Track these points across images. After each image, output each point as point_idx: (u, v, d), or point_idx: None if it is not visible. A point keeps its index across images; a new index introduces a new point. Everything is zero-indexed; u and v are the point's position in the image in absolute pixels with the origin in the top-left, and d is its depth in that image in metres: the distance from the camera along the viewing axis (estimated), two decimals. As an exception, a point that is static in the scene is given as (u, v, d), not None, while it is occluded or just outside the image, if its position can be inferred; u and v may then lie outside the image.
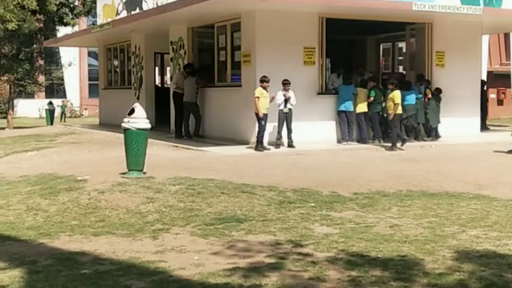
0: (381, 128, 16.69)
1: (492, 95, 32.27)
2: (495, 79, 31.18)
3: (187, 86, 17.76)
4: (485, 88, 21.80)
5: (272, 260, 6.67)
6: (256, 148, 14.66)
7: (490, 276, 6.13)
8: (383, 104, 16.36)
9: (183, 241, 7.63)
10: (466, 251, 7.13)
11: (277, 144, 15.11)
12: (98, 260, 6.83)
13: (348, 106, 16.29)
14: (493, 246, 7.35)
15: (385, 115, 16.53)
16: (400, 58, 25.26)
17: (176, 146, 15.74)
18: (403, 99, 16.67)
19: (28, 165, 13.87)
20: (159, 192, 9.93)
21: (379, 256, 6.87)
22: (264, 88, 14.75)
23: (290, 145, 15.20)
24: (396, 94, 15.54)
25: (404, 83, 17.48)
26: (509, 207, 9.90)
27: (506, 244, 7.47)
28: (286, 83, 14.97)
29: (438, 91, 17.67)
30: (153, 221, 8.71)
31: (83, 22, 40.18)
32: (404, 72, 20.75)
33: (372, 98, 16.48)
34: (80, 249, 7.33)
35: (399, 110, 15.64)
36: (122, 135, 11.45)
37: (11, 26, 23.74)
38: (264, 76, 14.80)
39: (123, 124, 11.16)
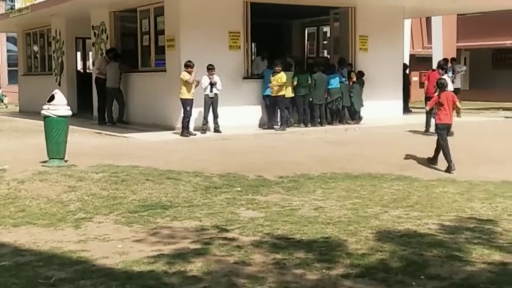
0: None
1: (415, 78, 33.00)
2: (418, 62, 31.84)
3: (110, 72, 17.41)
4: (407, 71, 22.26)
5: (197, 246, 6.64)
6: (182, 134, 14.53)
7: (411, 255, 6.27)
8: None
9: (106, 230, 7.49)
10: (388, 231, 7.28)
11: (203, 129, 15.02)
12: (18, 251, 6.63)
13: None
14: (414, 226, 7.54)
15: (310, 99, 16.67)
16: (325, 42, 25.54)
17: (99, 133, 15.42)
18: (327, 83, 16.85)
19: None
20: (82, 180, 9.70)
21: (303, 238, 6.94)
22: (189, 73, 14.61)
23: (217, 130, 15.13)
24: (283, 75, 15.57)
25: (328, 67, 17.65)
26: (430, 187, 10.19)
27: (426, 223, 7.68)
28: (210, 68, 14.87)
29: (361, 74, 17.91)
30: (76, 210, 8.51)
31: (1, 7, 38.76)
32: (329, 56, 20.97)
33: (295, 83, 16.56)
34: (-1, 240, 7.10)
35: (285, 92, 15.69)
36: (42, 123, 11.13)
37: None
38: (189, 61, 14.65)
39: (42, 111, 10.84)
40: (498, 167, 12.39)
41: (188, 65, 14.58)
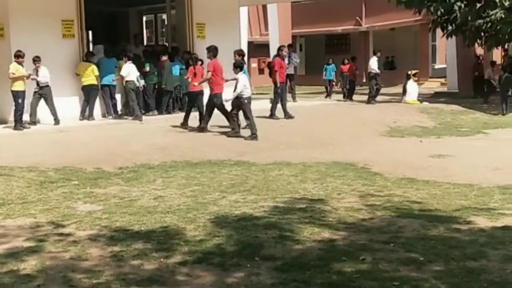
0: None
1: (254, 65, 33.79)
2: (256, 49, 32.64)
3: None
4: (245, 58, 22.67)
5: (31, 244, 6.43)
6: (15, 127, 13.91)
7: (246, 238, 6.48)
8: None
9: None
10: (225, 216, 7.46)
11: (34, 121, 14.43)
12: None
13: (110, 79, 16.04)
14: (250, 209, 7.77)
15: (163, 86, 16.56)
16: (164, 30, 25.47)
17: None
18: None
19: None
20: None
21: (142, 229, 6.94)
22: (20, 63, 13.99)
23: (55, 122, 14.64)
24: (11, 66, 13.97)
25: (169, 55, 17.61)
26: (266, 171, 10.53)
27: (262, 206, 7.95)
28: (36, 60, 14.26)
29: (201, 62, 18.02)
30: None
31: None
32: (167, 44, 20.93)
33: (147, 69, 16.45)
34: None
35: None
36: None
37: None
38: (19, 51, 14.02)
39: None
40: (330, 148, 13.07)
41: (19, 55, 13.96)
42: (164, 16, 24.06)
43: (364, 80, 26.36)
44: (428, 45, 32.96)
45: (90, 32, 20.67)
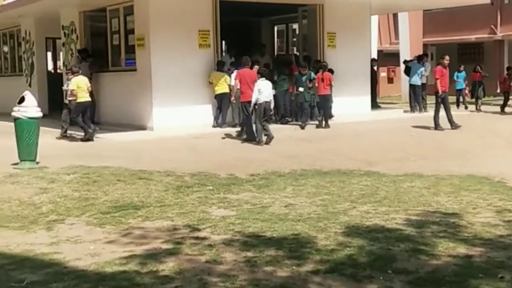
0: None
1: (383, 74, 33.34)
2: (385, 58, 32.20)
3: (80, 71, 17.34)
4: (375, 67, 22.48)
5: (169, 246, 6.71)
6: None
7: (378, 250, 6.42)
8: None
9: (78, 231, 7.51)
10: (356, 226, 7.43)
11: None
12: (-10, 255, 6.64)
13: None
14: (381, 221, 7.70)
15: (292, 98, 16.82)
16: (294, 39, 25.69)
17: (71, 134, 15.37)
18: (300, 81, 16.97)
19: None
20: (53, 182, 9.71)
21: (274, 235, 7.05)
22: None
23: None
24: (77, 81, 14.23)
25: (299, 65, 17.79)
26: (397, 182, 10.36)
27: (393, 218, 7.84)
28: (67, 72, 14.52)
29: (330, 71, 18.06)
30: (47, 212, 8.51)
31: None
32: (298, 53, 21.10)
33: (275, 78, 16.88)
34: (-29, 244, 7.08)
35: (81, 99, 14.27)
36: (13, 124, 11.11)
37: None
38: (74, 66, 14.54)
39: (13, 113, 10.87)
40: (462, 161, 12.65)
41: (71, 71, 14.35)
42: (295, 26, 24.28)
43: (498, 91, 25.27)
44: None
45: (223, 42, 21.24)
